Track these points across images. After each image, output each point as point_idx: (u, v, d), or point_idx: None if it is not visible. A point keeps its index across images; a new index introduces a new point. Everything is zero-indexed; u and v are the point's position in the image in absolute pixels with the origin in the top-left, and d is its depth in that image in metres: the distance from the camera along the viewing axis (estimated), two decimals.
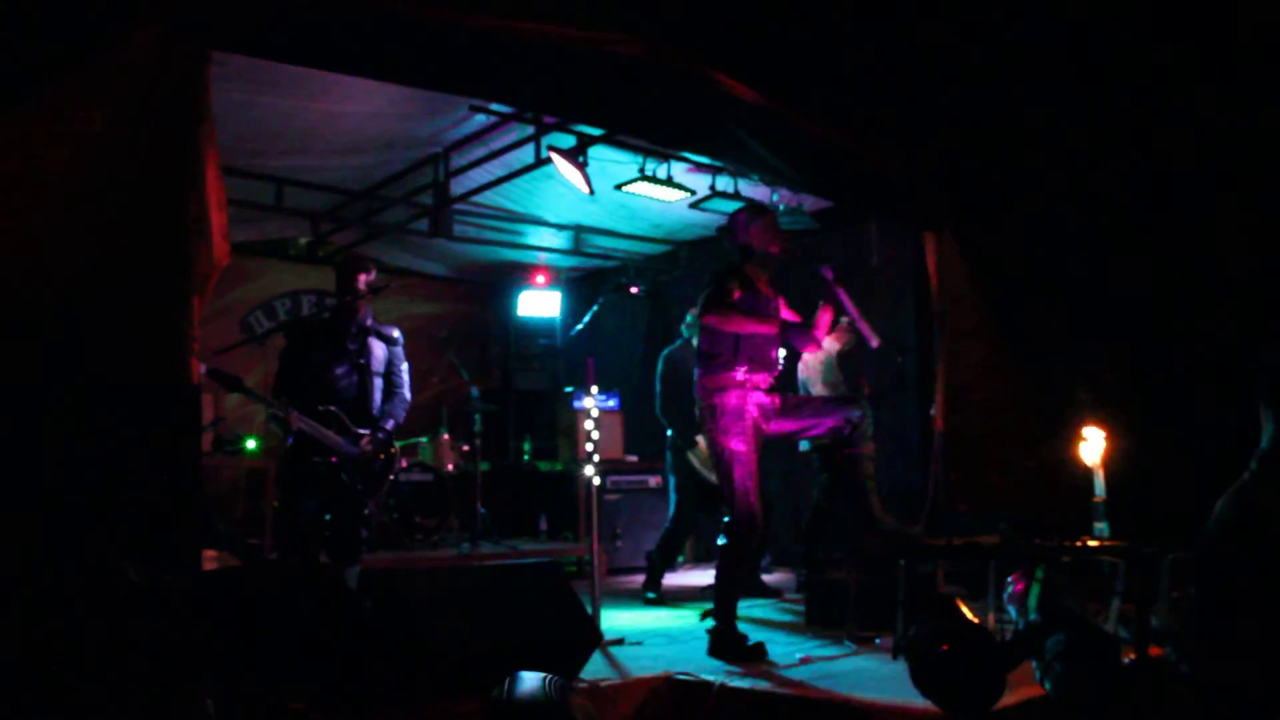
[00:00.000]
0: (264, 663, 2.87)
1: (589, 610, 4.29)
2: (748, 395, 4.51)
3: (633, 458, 8.56)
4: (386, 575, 4.23)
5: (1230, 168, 5.24)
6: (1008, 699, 3.17)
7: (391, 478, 5.33)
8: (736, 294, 4.54)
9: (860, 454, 4.60)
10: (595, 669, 4.09)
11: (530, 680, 2.82)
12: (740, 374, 4.50)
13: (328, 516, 5.01)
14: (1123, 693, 2.91)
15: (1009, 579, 3.47)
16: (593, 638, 3.97)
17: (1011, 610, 3.45)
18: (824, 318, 4.82)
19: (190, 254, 4.13)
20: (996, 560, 3.40)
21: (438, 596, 3.67)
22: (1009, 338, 6.47)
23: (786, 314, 4.84)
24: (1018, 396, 6.32)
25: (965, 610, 2.98)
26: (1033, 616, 3.10)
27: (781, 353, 4.82)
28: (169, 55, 4.11)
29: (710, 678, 3.89)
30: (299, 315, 8.87)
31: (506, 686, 2.85)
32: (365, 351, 5.24)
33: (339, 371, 5.15)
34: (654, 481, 8.24)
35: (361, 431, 5.13)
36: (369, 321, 5.29)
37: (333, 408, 5.07)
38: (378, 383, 5.29)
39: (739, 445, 4.50)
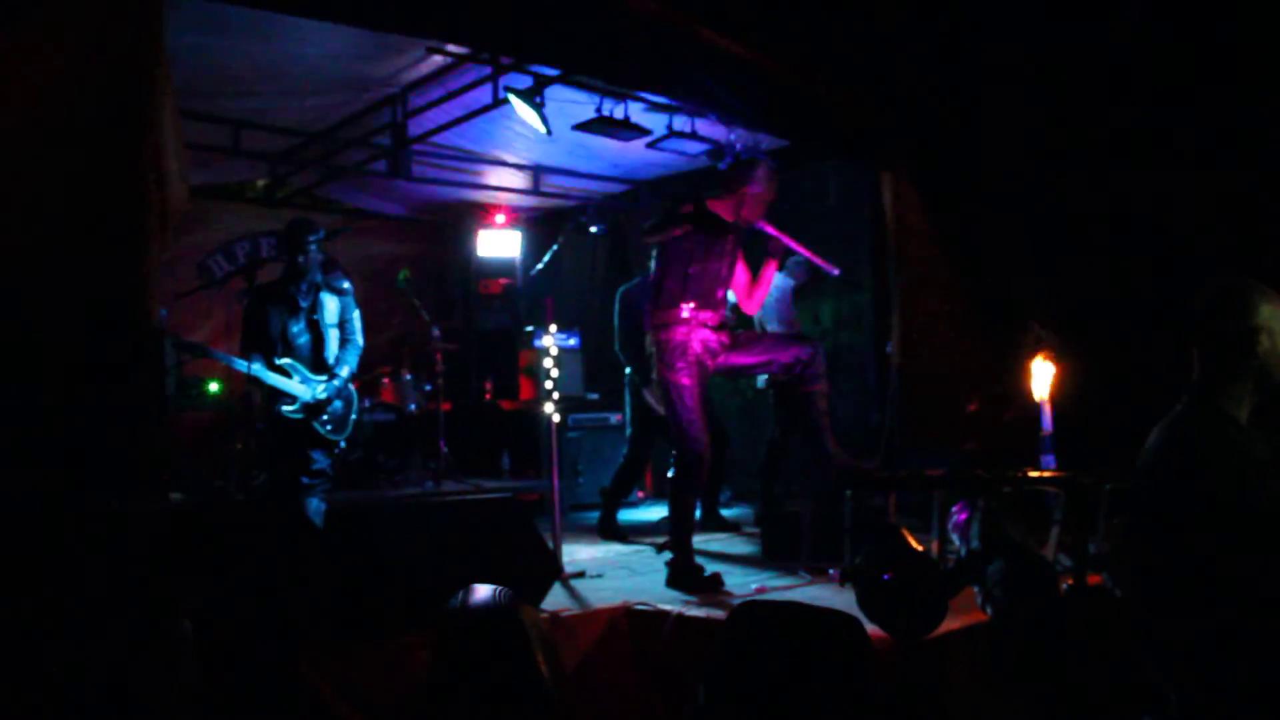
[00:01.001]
0: (232, 594, 2.96)
1: (550, 545, 4.41)
2: (693, 331, 4.59)
3: (594, 395, 8.65)
4: (351, 510, 4.32)
5: (1184, 109, 5.34)
6: (951, 624, 3.32)
7: (353, 418, 5.62)
8: (681, 230, 4.61)
9: (814, 391, 4.70)
10: (556, 600, 4.22)
11: (481, 591, 2.95)
12: (686, 310, 4.58)
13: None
14: (1060, 617, 3.05)
15: (953, 509, 3.61)
16: (552, 570, 4.09)
17: (955, 539, 3.59)
18: (768, 273, 4.94)
19: (147, 198, 4.13)
20: (940, 491, 3.53)
21: (401, 531, 3.77)
22: (964, 275, 6.60)
23: (739, 269, 4.92)
24: (972, 333, 6.46)
25: (910, 539, 3.11)
26: (974, 545, 3.25)
27: (731, 294, 4.91)
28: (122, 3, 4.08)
29: (667, 607, 4.02)
30: (258, 258, 8.84)
31: (460, 597, 2.97)
32: (318, 307, 5.59)
33: (295, 329, 5.51)
34: (615, 419, 8.35)
35: (318, 378, 5.51)
36: (318, 278, 5.61)
37: (289, 360, 5.45)
38: (333, 334, 5.64)
39: (684, 380, 4.60)
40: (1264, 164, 5.04)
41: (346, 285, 5.72)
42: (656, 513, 7.63)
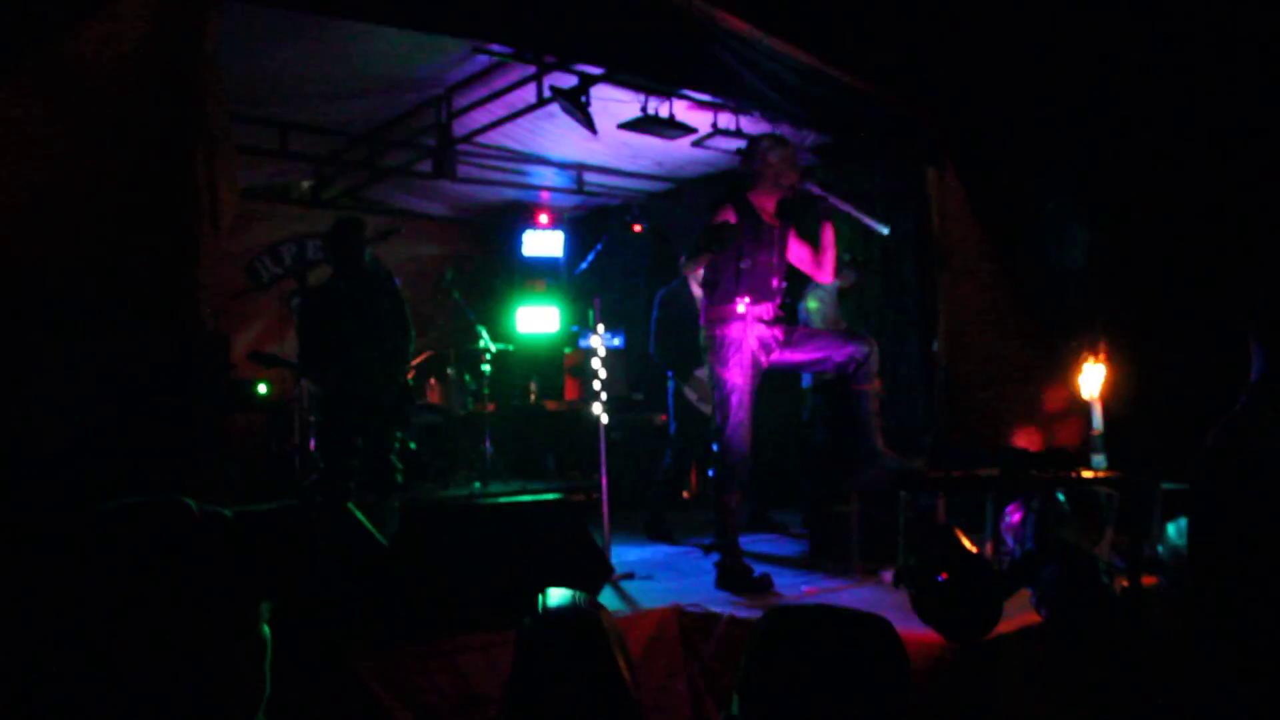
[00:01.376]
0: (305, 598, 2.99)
1: (600, 546, 4.41)
2: (748, 327, 4.58)
3: (638, 395, 8.65)
4: (420, 511, 4.34)
5: (1232, 107, 5.25)
6: (1005, 626, 3.28)
7: (410, 413, 5.80)
8: (732, 218, 4.58)
9: (866, 390, 4.67)
10: (607, 601, 4.21)
11: (561, 594, 2.95)
12: (741, 305, 4.57)
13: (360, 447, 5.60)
14: (1114, 618, 3.01)
15: (1006, 510, 3.57)
16: (604, 571, 4.09)
17: (1009, 540, 3.56)
18: (827, 235, 4.87)
19: (199, 202, 4.19)
20: (994, 492, 3.49)
21: (463, 532, 3.78)
22: (1009, 273, 6.53)
23: (796, 245, 4.88)
24: (1018, 333, 6.39)
25: (964, 540, 3.08)
26: (1029, 546, 3.21)
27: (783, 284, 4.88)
28: (173, 4, 4.13)
29: (718, 609, 4.02)
30: (304, 259, 8.94)
31: (540, 601, 2.97)
32: (369, 305, 5.66)
33: (349, 328, 5.55)
34: (659, 419, 8.34)
35: (373, 376, 5.57)
36: (368, 276, 5.72)
37: (354, 357, 5.53)
38: (383, 328, 5.68)
39: (736, 378, 4.58)
40: None
41: (397, 282, 5.78)
42: (702, 514, 7.61)
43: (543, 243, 9.78)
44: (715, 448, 4.67)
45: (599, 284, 9.55)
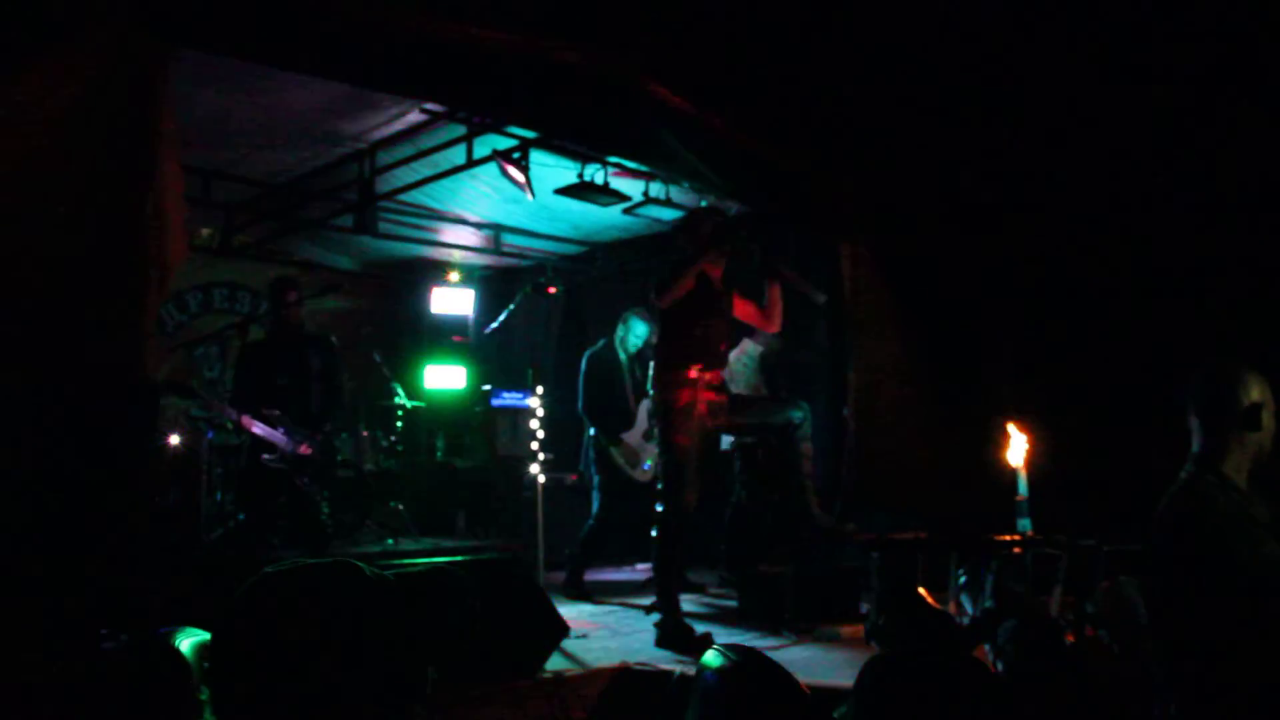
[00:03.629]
0: None
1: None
2: (699, 393, 4.70)
3: (550, 456, 8.65)
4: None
5: (1159, 170, 5.62)
6: None
7: (335, 471, 5.71)
8: (689, 285, 4.71)
9: (800, 452, 4.82)
10: (550, 660, 4.23)
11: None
12: (694, 372, 4.69)
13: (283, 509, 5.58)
14: (1067, 671, 3.18)
15: (958, 570, 3.73)
16: (558, 630, 4.10)
17: (964, 599, 3.72)
18: (774, 291, 5.05)
19: (148, 248, 4.12)
20: (958, 554, 3.67)
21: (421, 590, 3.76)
22: (920, 341, 6.81)
23: (741, 304, 5.04)
24: (929, 399, 6.66)
25: (930, 599, 3.21)
26: (988, 604, 3.36)
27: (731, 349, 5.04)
28: (128, 49, 4.09)
29: (668, 666, 4.07)
30: (211, 309, 8.75)
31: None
32: (304, 360, 5.73)
33: (281, 382, 5.63)
34: (570, 479, 8.37)
35: (302, 431, 5.60)
36: (303, 333, 5.83)
37: (276, 411, 5.53)
38: (315, 387, 5.75)
39: (684, 440, 4.69)
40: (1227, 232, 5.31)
41: (332, 339, 5.78)
42: (616, 574, 7.66)
43: (452, 301, 9.76)
44: (659, 508, 4.75)
45: (508, 344, 9.58)
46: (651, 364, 4.91)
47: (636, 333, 6.71)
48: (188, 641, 1.83)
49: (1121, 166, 5.75)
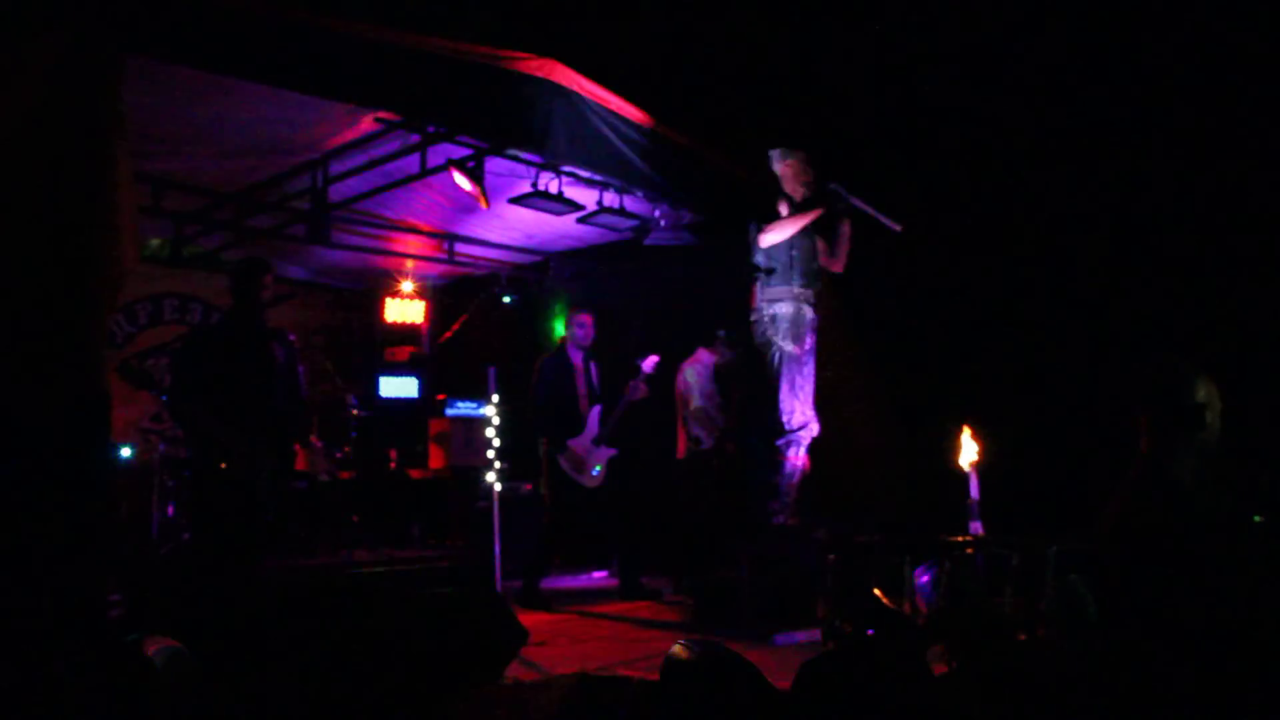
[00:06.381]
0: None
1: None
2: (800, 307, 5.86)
3: (504, 465, 8.65)
4: (314, 584, 4.26)
5: (1098, 175, 5.79)
6: None
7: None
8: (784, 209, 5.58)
9: (758, 459, 4.89)
10: (512, 668, 4.24)
11: None
12: (797, 286, 5.78)
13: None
14: (1018, 666, 3.26)
15: (915, 571, 3.80)
16: (518, 638, 4.11)
17: (921, 598, 3.78)
18: (844, 230, 5.72)
19: (101, 255, 4.09)
20: (911, 555, 3.73)
21: (370, 598, 3.75)
22: (874, 347, 6.92)
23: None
24: (883, 404, 6.77)
25: (884, 599, 3.27)
26: (943, 603, 3.43)
27: None
28: (81, 57, 4.06)
29: (628, 672, 4.10)
30: (161, 320, 8.63)
31: None
32: (268, 352, 5.33)
33: (240, 375, 5.20)
34: (526, 488, 8.38)
35: (264, 437, 5.24)
36: (266, 325, 5.44)
37: (237, 412, 5.15)
38: (280, 384, 5.39)
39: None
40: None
41: (291, 336, 5.55)
42: (574, 582, 7.68)
43: (405, 310, 9.73)
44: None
45: (462, 353, 9.56)
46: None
47: (582, 323, 6.82)
48: (156, 649, 1.83)
49: (1064, 172, 5.91)
